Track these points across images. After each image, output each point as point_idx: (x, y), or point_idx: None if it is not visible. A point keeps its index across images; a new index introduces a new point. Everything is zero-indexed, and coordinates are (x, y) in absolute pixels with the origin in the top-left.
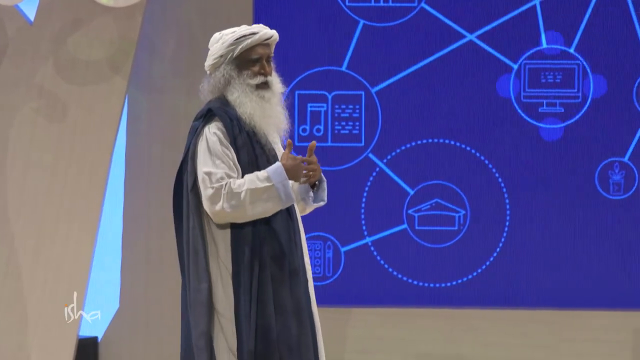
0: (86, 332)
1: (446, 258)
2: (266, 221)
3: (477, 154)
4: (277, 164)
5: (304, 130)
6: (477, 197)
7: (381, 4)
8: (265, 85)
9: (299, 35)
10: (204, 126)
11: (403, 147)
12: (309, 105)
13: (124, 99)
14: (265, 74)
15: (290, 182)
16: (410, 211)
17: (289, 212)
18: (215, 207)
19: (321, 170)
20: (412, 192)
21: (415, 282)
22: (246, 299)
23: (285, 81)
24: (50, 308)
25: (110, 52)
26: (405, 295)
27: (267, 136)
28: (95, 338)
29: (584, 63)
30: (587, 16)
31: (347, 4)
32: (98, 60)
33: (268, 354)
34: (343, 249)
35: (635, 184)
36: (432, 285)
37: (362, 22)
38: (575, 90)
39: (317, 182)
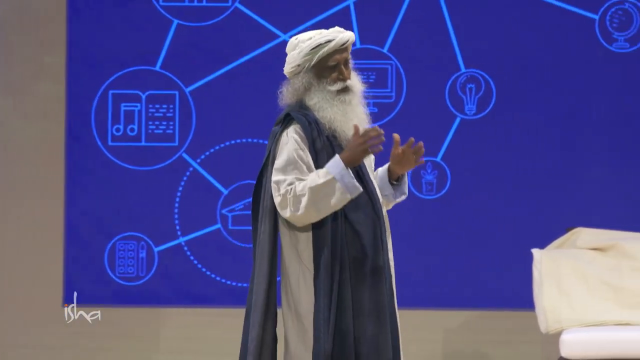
0: None
1: None
2: (349, 222)
3: None
4: (335, 156)
5: (118, 130)
6: None
7: (195, 3)
8: (345, 90)
9: (112, 34)
10: (282, 131)
11: (217, 147)
12: (122, 105)
13: None
14: (345, 79)
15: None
16: (223, 211)
17: (375, 210)
18: (286, 213)
19: (381, 135)
20: (225, 192)
21: (229, 282)
22: (325, 303)
23: (99, 81)
24: None
25: None
26: (220, 295)
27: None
28: None
29: (397, 63)
30: (400, 16)
31: (161, 3)
32: None
33: (343, 357)
34: (156, 249)
35: (448, 184)
36: (246, 285)
37: (176, 21)
38: (389, 90)
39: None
